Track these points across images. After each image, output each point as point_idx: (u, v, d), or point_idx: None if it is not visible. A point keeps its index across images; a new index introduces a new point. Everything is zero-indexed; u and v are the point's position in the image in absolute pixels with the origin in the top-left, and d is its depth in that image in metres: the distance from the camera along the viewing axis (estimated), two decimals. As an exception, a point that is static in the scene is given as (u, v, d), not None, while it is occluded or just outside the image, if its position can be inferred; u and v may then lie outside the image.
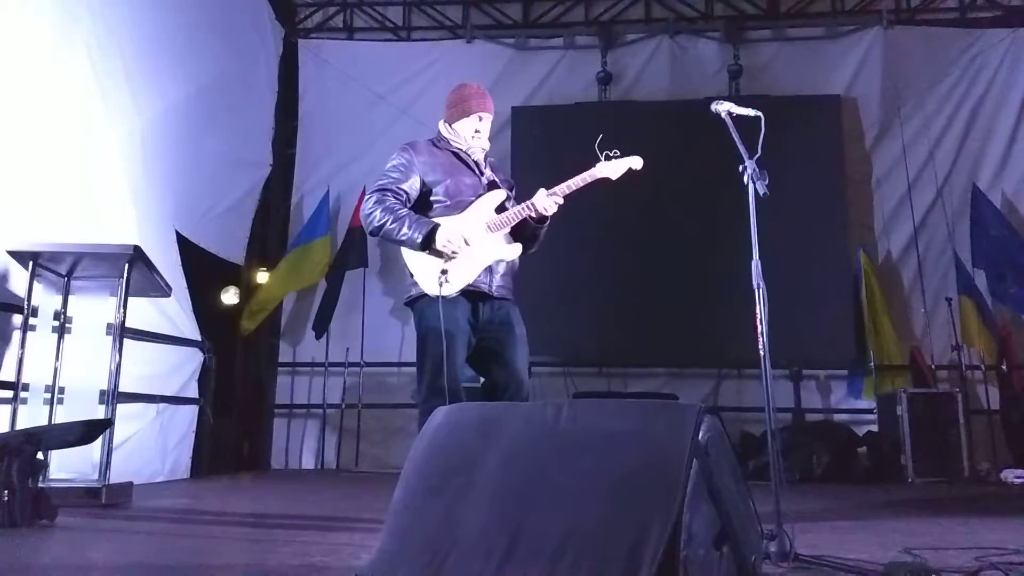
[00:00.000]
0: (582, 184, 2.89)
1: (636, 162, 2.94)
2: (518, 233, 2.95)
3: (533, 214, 2.88)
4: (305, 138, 8.13)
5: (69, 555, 2.61)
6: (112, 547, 2.82)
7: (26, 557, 2.48)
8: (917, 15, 8.01)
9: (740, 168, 2.56)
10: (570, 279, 6.95)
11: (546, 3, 8.43)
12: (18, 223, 4.26)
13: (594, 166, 2.91)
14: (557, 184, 2.90)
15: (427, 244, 2.78)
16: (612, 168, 2.90)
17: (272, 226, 8.11)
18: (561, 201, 2.89)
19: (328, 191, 7.79)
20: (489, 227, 2.87)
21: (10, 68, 4.41)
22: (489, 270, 2.86)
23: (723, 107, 2.69)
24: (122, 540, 2.99)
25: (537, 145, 7.39)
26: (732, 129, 2.65)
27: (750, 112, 2.67)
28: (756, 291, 2.45)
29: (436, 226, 2.79)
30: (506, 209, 2.93)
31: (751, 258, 2.51)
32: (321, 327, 7.49)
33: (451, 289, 2.77)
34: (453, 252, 2.77)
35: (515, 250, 2.93)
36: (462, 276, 2.80)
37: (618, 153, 2.92)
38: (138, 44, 5.59)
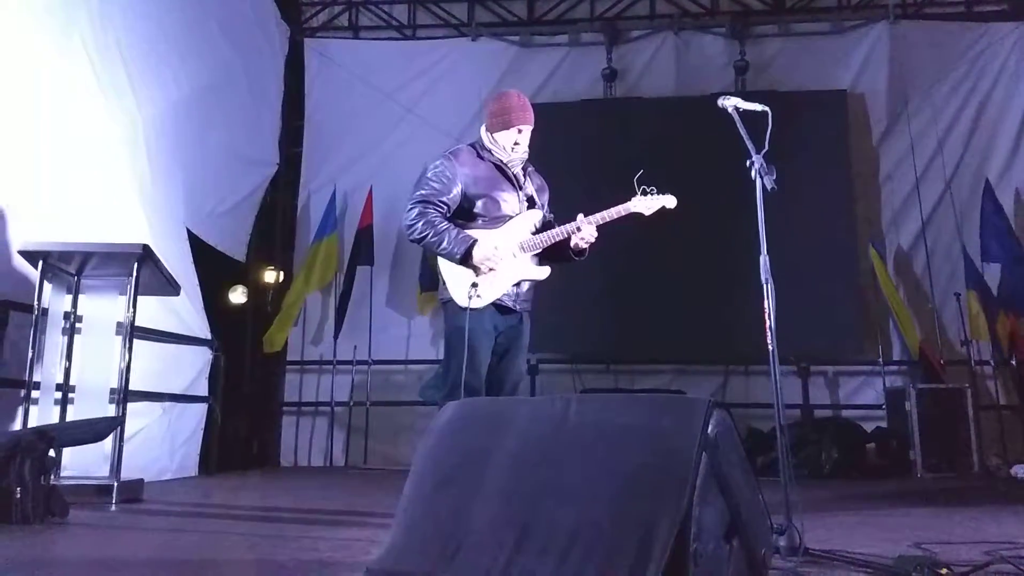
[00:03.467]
0: (616, 216, 3.03)
1: (670, 201, 3.09)
2: (551, 252, 3.08)
3: (571, 246, 3.03)
4: (311, 137, 8.13)
5: (81, 551, 2.64)
6: (124, 543, 2.84)
7: (39, 553, 2.50)
8: (923, 9, 7.97)
9: (748, 163, 2.56)
10: (577, 276, 6.90)
11: (551, 0, 8.42)
12: (29, 223, 4.27)
13: (629, 200, 3.05)
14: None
15: (465, 260, 2.94)
16: (646, 204, 3.06)
17: (278, 225, 8.13)
18: (596, 234, 3.03)
19: (335, 190, 7.80)
20: (523, 247, 3.04)
21: (12, 67, 4.39)
22: (516, 286, 3.03)
23: (730, 102, 2.70)
24: (134, 536, 3.01)
25: (543, 143, 7.31)
26: (739, 124, 2.65)
27: (757, 107, 2.68)
28: (765, 287, 2.44)
29: (475, 242, 2.94)
30: (540, 230, 3.07)
31: (758, 254, 2.51)
32: (336, 326, 7.53)
33: (479, 303, 2.94)
34: (490, 269, 2.94)
35: (543, 272, 3.09)
36: (491, 291, 2.97)
37: (655, 190, 3.06)
38: (136, 41, 5.56)
